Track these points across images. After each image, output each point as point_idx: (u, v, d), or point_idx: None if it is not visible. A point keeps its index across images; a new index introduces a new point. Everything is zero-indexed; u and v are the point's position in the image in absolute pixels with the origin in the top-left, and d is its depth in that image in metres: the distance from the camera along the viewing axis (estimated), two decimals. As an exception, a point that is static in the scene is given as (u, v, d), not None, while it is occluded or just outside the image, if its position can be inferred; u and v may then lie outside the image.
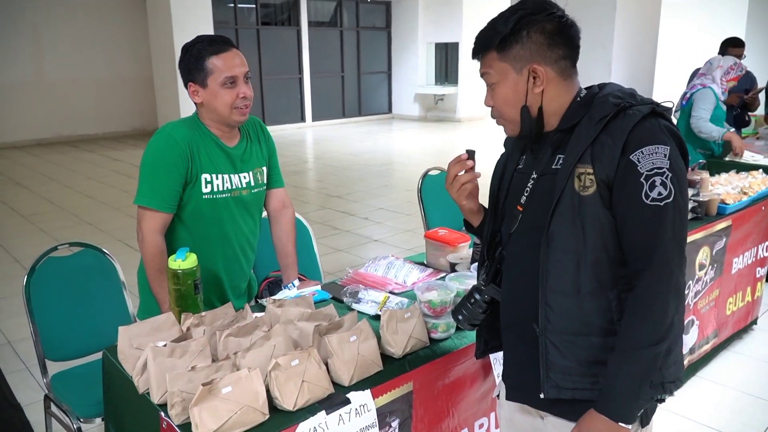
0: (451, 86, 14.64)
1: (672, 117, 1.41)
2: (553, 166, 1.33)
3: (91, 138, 12.38)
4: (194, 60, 1.91)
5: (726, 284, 3.27)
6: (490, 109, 1.42)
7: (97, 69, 12.25)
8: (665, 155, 1.21)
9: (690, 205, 2.96)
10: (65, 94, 11.95)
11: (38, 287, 2.37)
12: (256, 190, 2.13)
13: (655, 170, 1.20)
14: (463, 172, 1.48)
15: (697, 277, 3.00)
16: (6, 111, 11.32)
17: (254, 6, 12.71)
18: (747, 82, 5.18)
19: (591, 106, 1.30)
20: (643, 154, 1.21)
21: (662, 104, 1.31)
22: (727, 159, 4.43)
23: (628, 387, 1.25)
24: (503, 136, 1.49)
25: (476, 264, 1.74)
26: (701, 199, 3.02)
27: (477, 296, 1.52)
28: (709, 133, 4.36)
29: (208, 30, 11.19)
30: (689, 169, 3.37)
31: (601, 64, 4.54)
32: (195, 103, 2.00)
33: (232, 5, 12.36)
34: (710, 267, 3.09)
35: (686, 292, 2.94)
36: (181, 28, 10.89)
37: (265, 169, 2.17)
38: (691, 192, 2.99)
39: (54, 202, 7.30)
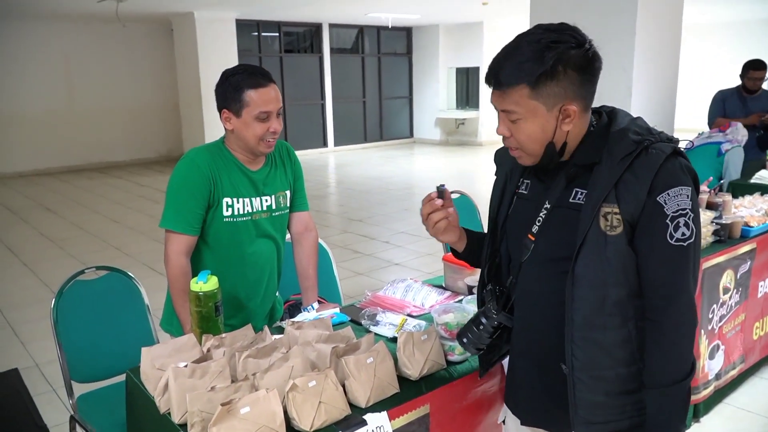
0: (472, 110, 14.70)
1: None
2: (571, 200, 1.33)
3: (119, 164, 12.67)
4: (232, 89, 1.98)
5: (752, 308, 3.22)
6: (511, 151, 1.39)
7: (125, 97, 12.58)
8: (688, 196, 1.24)
9: (713, 228, 2.93)
10: (94, 122, 12.27)
11: (65, 310, 2.42)
12: (277, 213, 2.18)
13: (680, 212, 1.23)
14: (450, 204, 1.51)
15: (721, 300, 2.95)
16: (37, 139, 11.66)
17: (277, 34, 12.99)
18: None
19: (607, 140, 1.30)
20: (669, 195, 1.23)
21: (680, 141, 1.34)
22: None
23: (673, 420, 1.30)
24: None
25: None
26: (724, 222, 2.99)
27: (485, 321, 1.52)
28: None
29: (233, 58, 11.48)
30: (711, 191, 3.35)
31: (622, 88, 4.53)
32: (225, 129, 2.07)
33: (256, 34, 12.64)
34: (735, 291, 3.04)
35: (710, 316, 2.90)
36: (206, 56, 11.18)
37: (288, 192, 2.22)
38: (713, 214, 2.96)
39: (82, 227, 7.47)
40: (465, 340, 1.56)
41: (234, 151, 2.09)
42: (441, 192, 1.49)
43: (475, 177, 10.19)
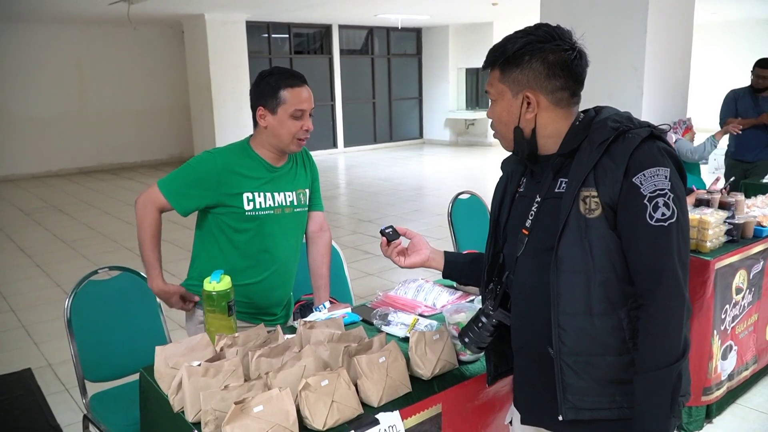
0: (481, 111, 14.66)
1: (674, 141, 1.49)
2: (557, 190, 1.36)
3: (130, 166, 12.77)
4: (269, 88, 2.05)
5: (765, 309, 3.19)
6: (492, 135, 1.50)
7: (136, 100, 12.68)
8: (666, 177, 1.25)
9: (725, 228, 2.91)
10: (106, 123, 12.38)
11: (78, 310, 2.45)
12: (299, 209, 2.23)
13: (658, 192, 1.24)
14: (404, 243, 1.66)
15: (734, 301, 2.93)
16: (50, 141, 11.78)
17: (287, 36, 13.03)
18: None
19: (589, 130, 1.33)
20: (645, 176, 1.24)
21: (659, 127, 1.34)
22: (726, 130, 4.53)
23: (662, 406, 1.27)
24: None
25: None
26: (737, 222, 2.97)
27: (484, 320, 1.53)
28: (701, 153, 4.35)
29: (243, 60, 11.54)
30: (723, 189, 3.32)
31: (633, 87, 4.51)
32: (259, 126, 2.12)
33: (266, 36, 12.69)
34: (748, 291, 3.02)
35: (723, 316, 2.88)
36: (216, 58, 11.24)
37: (308, 191, 2.28)
38: (726, 214, 2.94)
39: (94, 228, 7.53)
40: (467, 339, 1.57)
41: (260, 149, 2.15)
42: (384, 233, 1.66)
43: (486, 177, 10.16)
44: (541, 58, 1.32)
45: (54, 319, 4.57)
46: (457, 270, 1.73)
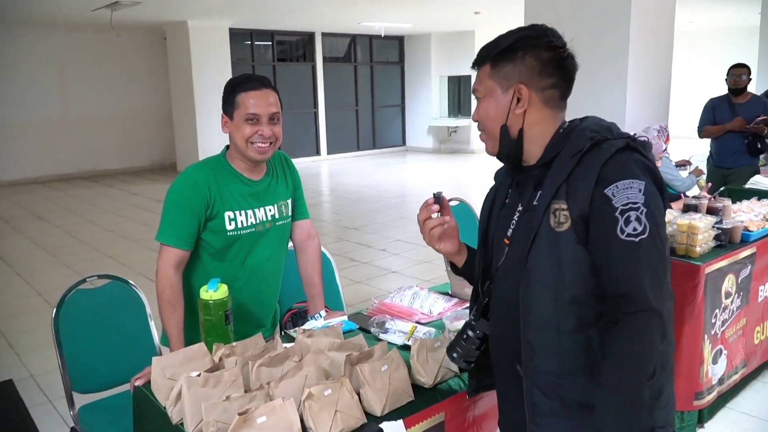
0: (464, 118, 14.75)
1: (663, 150, 1.42)
2: (534, 202, 1.31)
3: (111, 172, 12.60)
4: (228, 92, 2.01)
5: (753, 313, 3.23)
6: (479, 136, 1.42)
7: (118, 105, 12.53)
8: (640, 190, 1.18)
9: (714, 233, 2.94)
10: (87, 130, 12.21)
11: (66, 319, 2.40)
12: (280, 222, 2.17)
13: (630, 205, 1.17)
14: (437, 215, 1.48)
15: (723, 305, 2.96)
16: (30, 147, 11.57)
17: (270, 43, 13.00)
18: (759, 107, 5.17)
19: (568, 140, 1.29)
20: (617, 188, 1.19)
21: (638, 138, 1.28)
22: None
23: (615, 429, 1.14)
24: None
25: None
26: (725, 227, 3.01)
27: (470, 332, 1.47)
28: (688, 185, 4.39)
29: (226, 67, 11.48)
30: (712, 197, 3.37)
31: (617, 95, 4.57)
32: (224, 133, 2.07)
33: (249, 43, 12.64)
34: (736, 295, 3.05)
35: (713, 320, 2.91)
36: (199, 65, 11.17)
37: (290, 201, 2.21)
38: (714, 219, 2.98)
39: (76, 236, 7.40)
40: (455, 354, 1.50)
41: (234, 161, 2.08)
42: (438, 198, 1.48)
43: (469, 184, 10.19)
44: (534, 54, 1.29)
45: (36, 329, 4.47)
46: (472, 270, 1.57)
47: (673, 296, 1.26)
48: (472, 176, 11.27)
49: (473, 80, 1.41)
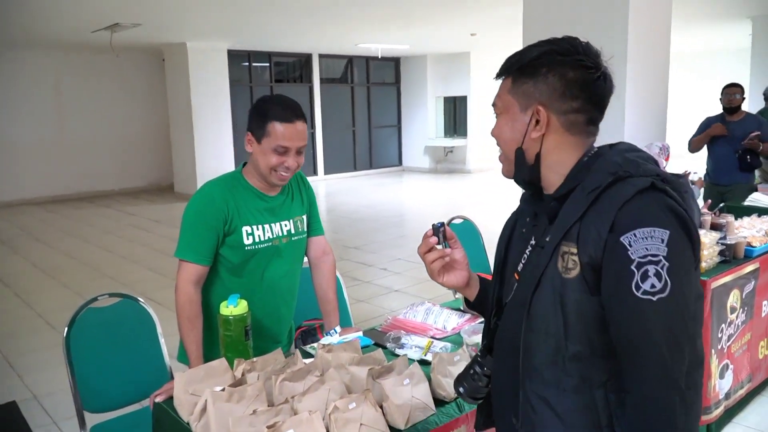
0: (460, 138, 14.86)
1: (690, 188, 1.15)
2: (546, 238, 1.17)
3: (107, 194, 12.57)
4: (259, 116, 1.99)
5: (757, 327, 3.26)
6: (497, 156, 1.28)
7: (115, 126, 12.54)
8: (662, 240, 1.02)
9: (719, 248, 2.98)
10: (84, 150, 12.19)
11: (77, 338, 2.39)
12: (296, 237, 2.19)
13: (649, 258, 1.01)
14: (440, 246, 1.32)
15: (729, 320, 2.99)
16: (26, 168, 11.55)
17: (268, 65, 13.11)
18: (754, 125, 5.27)
19: (590, 171, 1.14)
20: (635, 237, 1.03)
21: (674, 175, 1.11)
22: None
23: None
24: (514, 187, 1.32)
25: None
26: (729, 242, 3.05)
27: (477, 369, 1.35)
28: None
29: (224, 88, 11.56)
30: (713, 213, 3.41)
31: (616, 113, 4.64)
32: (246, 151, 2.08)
33: (247, 64, 12.74)
34: (741, 310, 3.08)
35: (719, 335, 2.93)
36: (198, 86, 11.23)
37: (305, 217, 2.24)
38: (718, 235, 3.02)
39: (73, 257, 7.37)
40: (461, 389, 1.37)
41: (251, 179, 2.10)
42: (437, 230, 1.32)
43: (465, 204, 10.25)
44: (559, 72, 1.14)
45: (37, 350, 4.44)
46: (485, 304, 1.41)
47: (704, 361, 1.11)
48: (469, 196, 11.34)
49: (469, 101, 1.26)
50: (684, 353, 1.04)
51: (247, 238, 2.06)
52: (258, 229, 2.08)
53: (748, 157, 5.25)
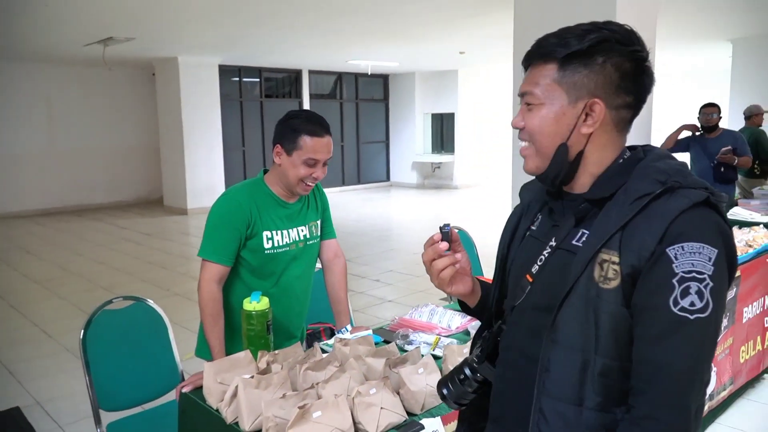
0: (447, 154, 15.11)
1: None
2: (574, 242, 1.08)
3: (96, 207, 12.58)
4: (291, 130, 2.12)
5: (738, 333, 3.43)
6: (518, 134, 1.16)
7: (106, 139, 12.59)
8: (710, 259, 0.95)
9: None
10: (74, 164, 12.21)
11: (92, 339, 2.49)
12: (311, 241, 2.33)
13: (694, 274, 0.94)
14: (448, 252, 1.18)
15: (712, 324, 3.15)
16: (15, 180, 11.54)
17: (258, 80, 13.27)
18: (730, 141, 5.54)
19: (629, 176, 1.06)
20: (683, 249, 0.95)
21: (717, 193, 1.02)
22: None
23: None
24: (500, 203, 1.23)
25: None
26: (711, 251, 3.22)
27: (468, 372, 1.25)
28: None
29: (215, 103, 11.68)
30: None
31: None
32: (275, 162, 2.20)
33: (237, 79, 12.89)
34: (724, 316, 3.25)
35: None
36: (188, 100, 11.34)
37: (319, 222, 2.38)
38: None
39: (67, 269, 7.40)
40: (445, 391, 1.27)
41: (273, 186, 2.23)
42: (445, 234, 1.17)
43: (452, 219, 10.43)
44: (617, 63, 1.04)
45: (36, 358, 4.49)
46: (486, 309, 1.31)
47: (709, 381, 1.05)
48: (456, 211, 11.52)
49: (457, 118, 1.12)
50: (703, 377, 0.99)
51: (267, 243, 2.18)
52: (277, 234, 2.21)
53: (722, 168, 5.53)
